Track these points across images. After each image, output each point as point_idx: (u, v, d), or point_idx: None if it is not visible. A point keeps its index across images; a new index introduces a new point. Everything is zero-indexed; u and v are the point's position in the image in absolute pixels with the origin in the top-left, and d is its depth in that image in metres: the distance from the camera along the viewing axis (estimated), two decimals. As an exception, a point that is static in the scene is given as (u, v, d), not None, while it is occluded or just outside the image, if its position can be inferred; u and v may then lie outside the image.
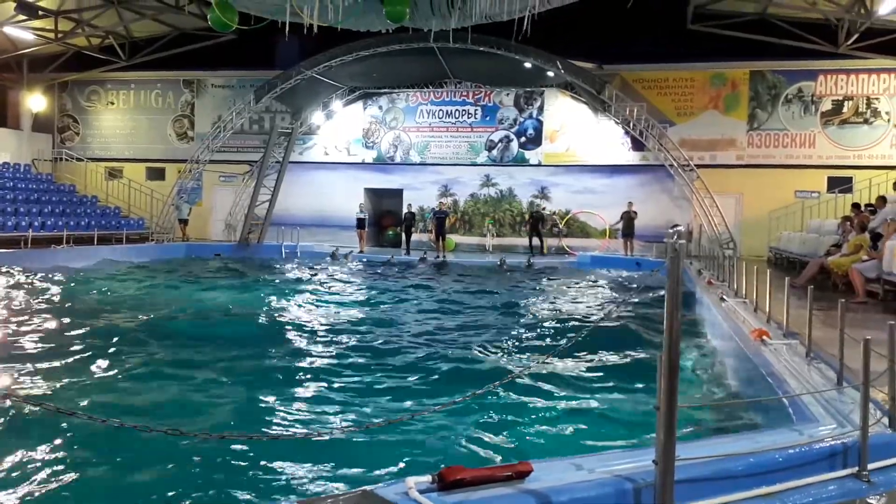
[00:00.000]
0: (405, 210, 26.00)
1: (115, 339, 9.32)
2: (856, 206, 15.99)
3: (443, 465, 3.04)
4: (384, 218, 28.72)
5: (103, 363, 7.91)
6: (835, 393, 4.79)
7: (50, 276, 16.12)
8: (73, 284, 15.21)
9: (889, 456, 3.80)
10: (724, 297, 10.36)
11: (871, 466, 3.65)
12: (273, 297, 14.28)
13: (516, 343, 9.74)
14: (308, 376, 7.55)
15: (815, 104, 23.99)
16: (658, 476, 2.94)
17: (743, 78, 24.54)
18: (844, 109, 23.76)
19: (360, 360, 8.37)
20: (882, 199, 14.87)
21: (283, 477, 4.78)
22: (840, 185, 22.99)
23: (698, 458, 3.33)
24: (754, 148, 24.42)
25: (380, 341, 9.65)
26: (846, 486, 3.57)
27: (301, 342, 9.55)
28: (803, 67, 23.88)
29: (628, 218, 23.18)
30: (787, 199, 23.49)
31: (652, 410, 2.97)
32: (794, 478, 3.50)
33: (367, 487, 2.99)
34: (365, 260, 23.12)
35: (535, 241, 24.58)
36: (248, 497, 4.53)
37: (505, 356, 8.84)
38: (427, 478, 2.98)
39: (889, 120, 23.35)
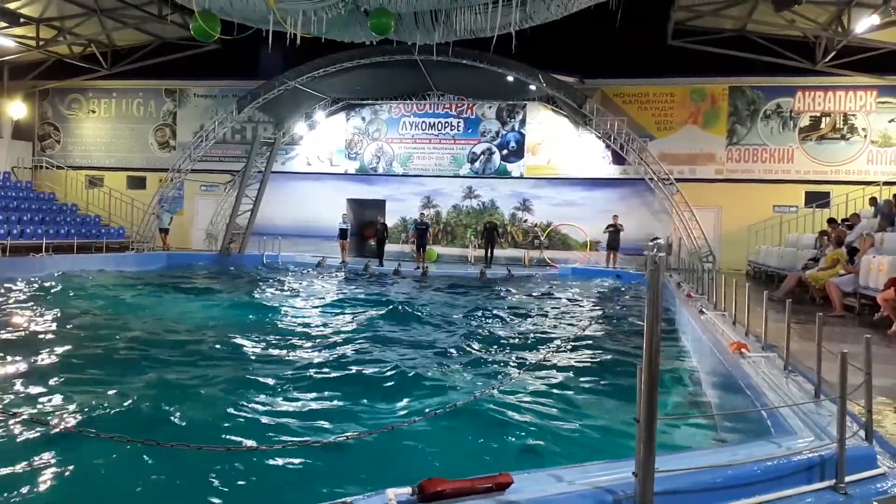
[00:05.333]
0: (378, 223, 25.89)
1: (89, 349, 9.23)
2: (831, 221, 16.17)
3: (423, 477, 3.03)
4: (366, 229, 28.68)
5: (79, 373, 7.82)
6: (812, 406, 4.82)
7: (28, 284, 15.94)
8: (50, 293, 15.04)
9: (865, 468, 3.83)
10: (704, 309, 10.42)
11: (847, 479, 3.67)
12: (252, 307, 14.19)
13: (496, 354, 9.74)
14: (287, 387, 7.50)
15: (794, 120, 24.30)
16: (638, 488, 2.96)
17: (722, 93, 24.83)
18: (822, 125, 24.09)
19: (339, 371, 8.32)
20: (856, 215, 15.08)
21: (261, 489, 4.74)
22: (818, 199, 23.28)
23: (678, 470, 3.34)
24: (733, 162, 24.69)
25: (358, 352, 9.60)
26: (824, 499, 3.59)
27: (280, 353, 9.49)
28: (782, 84, 24.20)
29: (614, 231, 23.36)
30: (765, 214, 23.75)
31: (632, 422, 2.98)
32: (773, 490, 3.52)
33: (347, 499, 2.97)
34: (346, 271, 23.05)
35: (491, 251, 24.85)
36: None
37: (484, 368, 8.83)
38: (407, 489, 2.97)
39: (865, 136, 23.69)
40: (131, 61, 27.19)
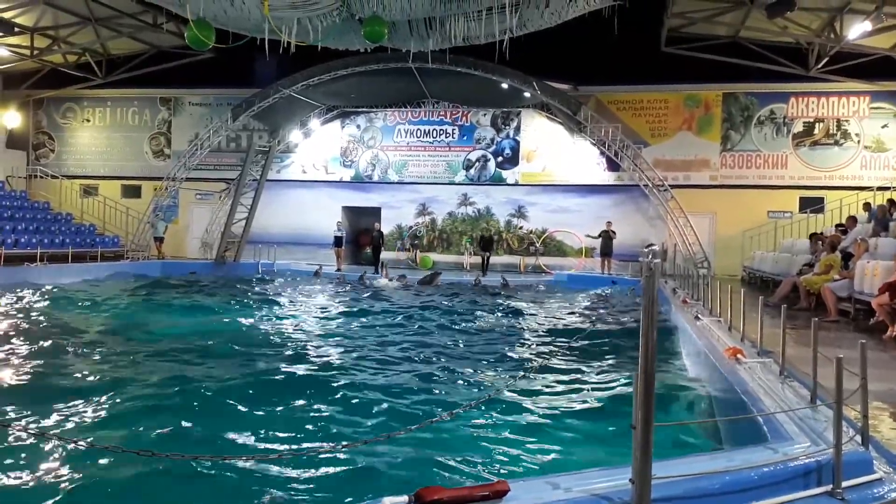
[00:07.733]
0: (374, 230, 25.85)
1: (88, 359, 9.20)
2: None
3: (420, 486, 3.02)
4: (362, 236, 28.65)
5: (80, 383, 7.79)
6: (808, 411, 4.82)
7: (24, 294, 15.88)
8: (46, 303, 14.98)
9: (862, 474, 3.83)
10: (699, 315, 10.44)
11: (844, 484, 3.67)
12: (247, 316, 14.14)
13: (492, 362, 9.72)
14: (282, 396, 7.47)
15: (787, 126, 24.40)
16: (635, 495, 2.95)
17: (716, 100, 24.92)
18: (815, 131, 24.18)
19: (334, 380, 8.29)
20: (852, 220, 15.11)
21: (258, 498, 4.72)
22: (812, 205, 23.37)
23: (674, 476, 3.34)
24: (727, 168, 24.76)
25: (354, 361, 9.58)
26: (820, 504, 3.59)
27: (275, 361, 9.45)
28: (775, 90, 24.29)
29: (607, 237, 23.41)
30: (760, 219, 23.82)
31: (628, 429, 2.98)
32: (770, 496, 3.51)
33: (344, 508, 2.96)
34: (341, 278, 23.01)
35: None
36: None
37: (481, 375, 8.82)
38: (404, 498, 2.96)
39: (859, 142, 23.78)
40: (126, 70, 27.22)
